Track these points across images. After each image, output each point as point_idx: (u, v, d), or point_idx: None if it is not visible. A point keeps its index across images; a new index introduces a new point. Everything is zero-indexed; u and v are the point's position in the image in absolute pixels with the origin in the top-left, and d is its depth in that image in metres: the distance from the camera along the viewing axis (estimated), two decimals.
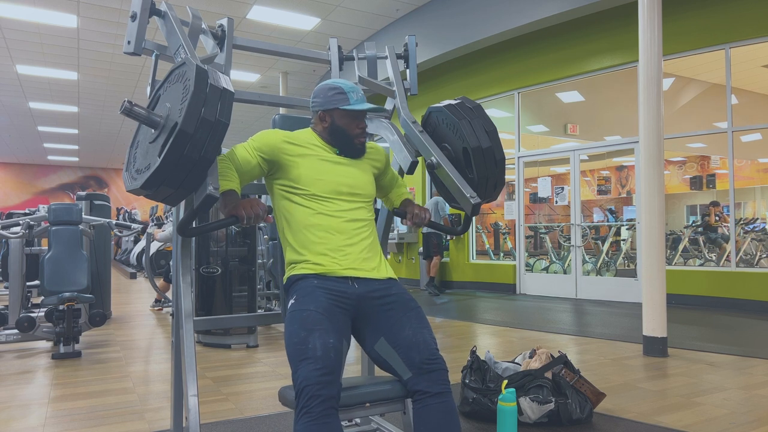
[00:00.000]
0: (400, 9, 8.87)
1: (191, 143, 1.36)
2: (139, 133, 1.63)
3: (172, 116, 1.42)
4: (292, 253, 1.83)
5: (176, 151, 1.35)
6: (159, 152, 1.39)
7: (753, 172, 11.40)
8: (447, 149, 2.06)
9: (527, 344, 4.53)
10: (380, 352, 1.74)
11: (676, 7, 6.66)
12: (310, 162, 1.83)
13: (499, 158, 1.97)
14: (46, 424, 2.67)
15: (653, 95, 4.23)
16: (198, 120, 1.36)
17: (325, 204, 1.81)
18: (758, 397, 3.02)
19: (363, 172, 1.92)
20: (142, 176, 1.44)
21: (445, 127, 2.06)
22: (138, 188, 1.45)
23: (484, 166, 1.94)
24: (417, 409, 1.66)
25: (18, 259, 4.84)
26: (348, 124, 1.87)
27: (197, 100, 1.36)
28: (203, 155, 1.39)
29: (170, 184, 1.41)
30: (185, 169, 1.39)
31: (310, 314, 1.66)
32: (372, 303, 1.77)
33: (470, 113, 1.99)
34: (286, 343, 1.65)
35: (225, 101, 1.42)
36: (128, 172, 1.58)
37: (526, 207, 9.04)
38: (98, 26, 9.00)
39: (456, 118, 1.98)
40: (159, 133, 1.46)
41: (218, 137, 1.41)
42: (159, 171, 1.38)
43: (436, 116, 2.10)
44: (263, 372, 3.69)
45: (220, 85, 1.41)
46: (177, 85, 1.48)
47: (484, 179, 1.95)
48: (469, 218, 2.05)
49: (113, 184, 24.69)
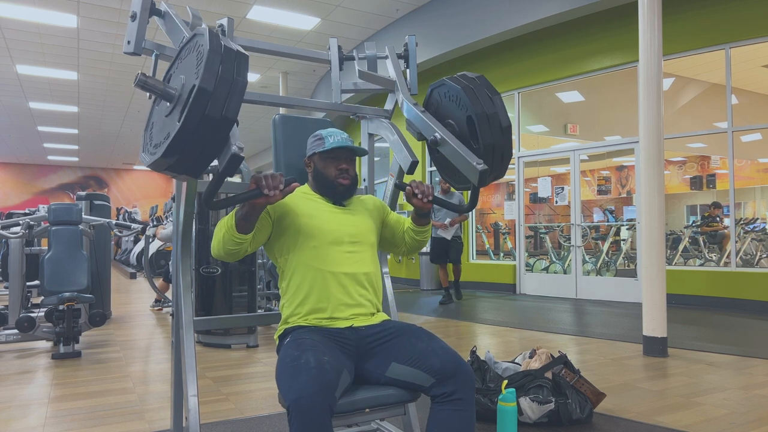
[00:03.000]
0: (400, 9, 8.87)
1: (212, 101, 1.32)
2: (153, 114, 1.60)
3: (188, 84, 1.38)
4: (287, 308, 1.81)
5: (197, 110, 1.31)
6: (178, 118, 1.34)
7: (753, 172, 11.40)
8: (451, 125, 1.96)
9: (527, 344, 4.53)
10: (394, 376, 1.66)
11: (676, 7, 6.66)
12: (309, 211, 1.82)
13: (505, 125, 1.83)
14: (46, 424, 2.67)
15: (653, 95, 4.23)
16: (217, 77, 1.33)
17: (325, 255, 1.78)
18: (758, 397, 3.02)
19: (363, 220, 1.90)
20: (162, 146, 1.39)
21: (448, 100, 1.96)
22: (159, 158, 1.39)
23: (489, 132, 1.81)
24: (434, 410, 1.60)
25: (18, 259, 4.84)
26: (326, 166, 1.87)
27: (214, 59, 1.33)
28: (224, 114, 1.34)
29: (192, 148, 1.35)
30: (207, 130, 1.34)
31: (305, 341, 1.63)
32: (372, 339, 1.73)
33: (473, 82, 1.90)
34: (276, 373, 1.59)
35: (241, 62, 1.39)
36: (146, 152, 1.53)
37: (526, 207, 9.04)
38: (98, 26, 9.00)
39: (458, 86, 1.89)
40: (175, 104, 1.43)
41: (238, 96, 1.37)
42: (180, 135, 1.33)
43: (437, 92, 2.03)
44: (263, 372, 3.69)
45: (234, 47, 1.40)
46: (189, 57, 1.46)
47: (490, 147, 1.82)
48: (476, 192, 1.91)
49: (113, 184, 24.69)
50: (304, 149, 2.04)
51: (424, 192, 1.80)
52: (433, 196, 1.83)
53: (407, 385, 1.65)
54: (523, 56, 8.35)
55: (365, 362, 1.71)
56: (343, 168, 1.88)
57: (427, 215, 1.93)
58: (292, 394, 1.42)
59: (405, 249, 2.02)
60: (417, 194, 1.80)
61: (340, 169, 1.87)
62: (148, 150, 1.51)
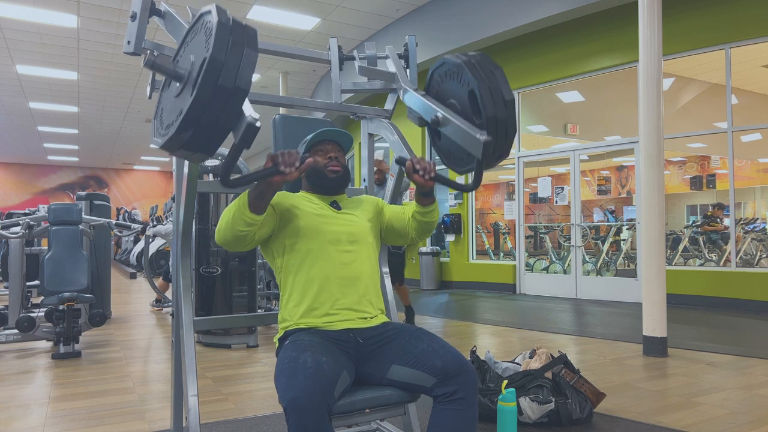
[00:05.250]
0: (400, 9, 8.87)
1: (224, 71, 1.30)
2: (161, 101, 1.59)
3: (198, 61, 1.36)
4: (286, 310, 1.80)
5: (210, 80, 1.29)
6: (191, 92, 1.32)
7: (753, 172, 11.41)
8: (453, 104, 1.88)
9: (527, 344, 4.53)
10: (395, 378, 1.65)
11: (676, 7, 6.66)
12: (306, 213, 1.82)
13: (509, 98, 1.73)
14: (46, 424, 2.67)
15: (653, 95, 4.23)
16: (228, 47, 1.31)
17: (324, 256, 1.77)
18: (758, 397, 3.02)
19: (361, 220, 1.89)
20: (174, 124, 1.36)
21: (449, 78, 1.89)
22: (173, 135, 1.35)
23: (492, 105, 1.71)
24: (436, 410, 1.58)
25: (18, 259, 4.84)
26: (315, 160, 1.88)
27: (224, 30, 1.32)
28: (237, 84, 1.32)
29: (207, 121, 1.33)
30: (221, 101, 1.32)
31: (303, 342, 1.62)
32: (371, 341, 1.72)
33: (474, 57, 1.83)
34: (275, 374, 1.57)
35: (250, 34, 1.38)
36: (157, 135, 1.49)
37: (526, 207, 9.04)
38: (98, 26, 9.00)
39: (458, 61, 1.81)
40: (186, 83, 1.41)
41: (250, 66, 1.35)
42: (193, 107, 1.30)
43: (438, 73, 1.96)
44: (263, 372, 3.69)
45: (242, 22, 1.40)
46: (198, 37, 1.44)
47: (493, 120, 1.71)
48: (480, 168, 1.75)
49: (113, 184, 24.70)
50: None
51: (426, 168, 1.70)
52: (436, 173, 1.72)
53: (409, 387, 1.64)
54: (523, 56, 8.35)
55: (365, 365, 1.70)
56: (332, 156, 1.91)
57: (430, 194, 1.81)
58: (288, 394, 1.41)
59: (414, 235, 1.93)
60: (418, 170, 1.70)
61: (329, 158, 1.90)
62: (159, 133, 1.48)
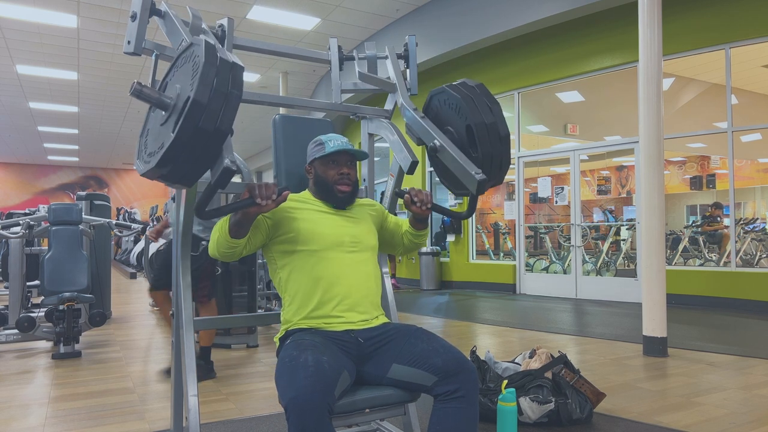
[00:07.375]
0: (400, 9, 8.87)
1: (205, 114, 1.33)
2: (149, 121, 1.61)
3: (183, 95, 1.40)
4: (288, 311, 1.81)
5: (191, 122, 1.33)
6: (172, 128, 1.36)
7: (753, 172, 11.40)
8: (450, 132, 1.99)
9: (527, 344, 4.53)
10: (396, 377, 1.66)
11: (676, 7, 6.66)
12: (309, 216, 1.83)
13: (504, 134, 1.88)
14: (46, 424, 2.67)
15: (653, 95, 4.23)
16: (211, 90, 1.34)
17: (326, 258, 1.78)
18: (758, 397, 3.02)
19: (363, 223, 1.92)
20: (156, 156, 1.41)
21: (447, 108, 2.00)
22: (153, 168, 1.41)
23: (488, 142, 1.86)
24: (437, 409, 1.59)
25: (18, 259, 4.84)
26: (326, 171, 1.87)
27: (209, 71, 1.35)
28: (218, 127, 1.36)
29: (186, 159, 1.37)
30: (201, 142, 1.36)
31: (304, 341, 1.63)
32: (372, 342, 1.73)
33: (472, 91, 1.93)
34: (275, 373, 1.58)
35: (236, 74, 1.40)
36: (140, 159, 1.54)
37: (526, 207, 9.04)
38: (98, 26, 9.00)
39: (458, 95, 1.93)
40: (170, 114, 1.44)
41: (232, 109, 1.38)
42: (174, 146, 1.34)
43: (437, 99, 2.06)
44: (263, 372, 3.69)
45: (230, 59, 1.41)
46: (186, 66, 1.46)
47: (488, 157, 1.87)
48: (474, 199, 1.95)
49: (113, 184, 24.69)
50: (304, 149, 2.03)
51: (423, 200, 1.84)
52: (432, 203, 1.87)
53: (409, 386, 1.65)
54: (523, 56, 8.35)
55: (366, 365, 1.71)
56: (344, 172, 1.87)
57: (424, 220, 1.96)
58: (289, 393, 1.41)
59: (402, 250, 2.08)
60: (416, 202, 1.84)
61: (341, 174, 1.87)
62: (142, 158, 1.54)
